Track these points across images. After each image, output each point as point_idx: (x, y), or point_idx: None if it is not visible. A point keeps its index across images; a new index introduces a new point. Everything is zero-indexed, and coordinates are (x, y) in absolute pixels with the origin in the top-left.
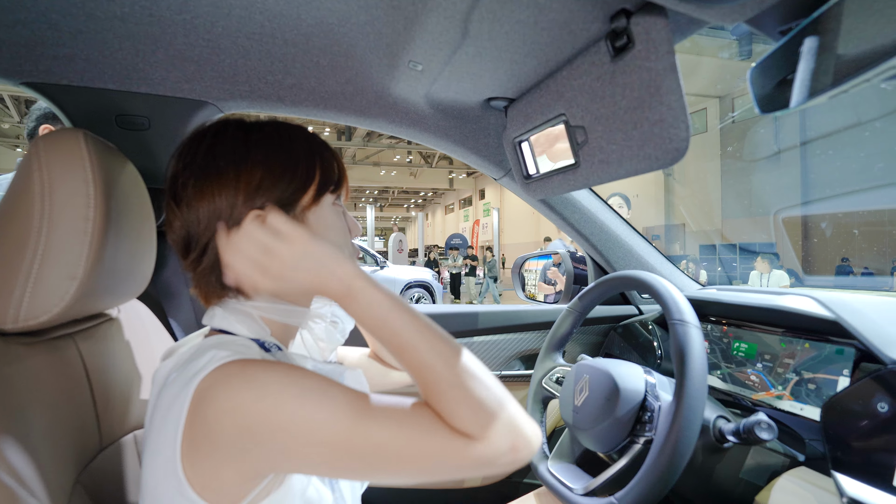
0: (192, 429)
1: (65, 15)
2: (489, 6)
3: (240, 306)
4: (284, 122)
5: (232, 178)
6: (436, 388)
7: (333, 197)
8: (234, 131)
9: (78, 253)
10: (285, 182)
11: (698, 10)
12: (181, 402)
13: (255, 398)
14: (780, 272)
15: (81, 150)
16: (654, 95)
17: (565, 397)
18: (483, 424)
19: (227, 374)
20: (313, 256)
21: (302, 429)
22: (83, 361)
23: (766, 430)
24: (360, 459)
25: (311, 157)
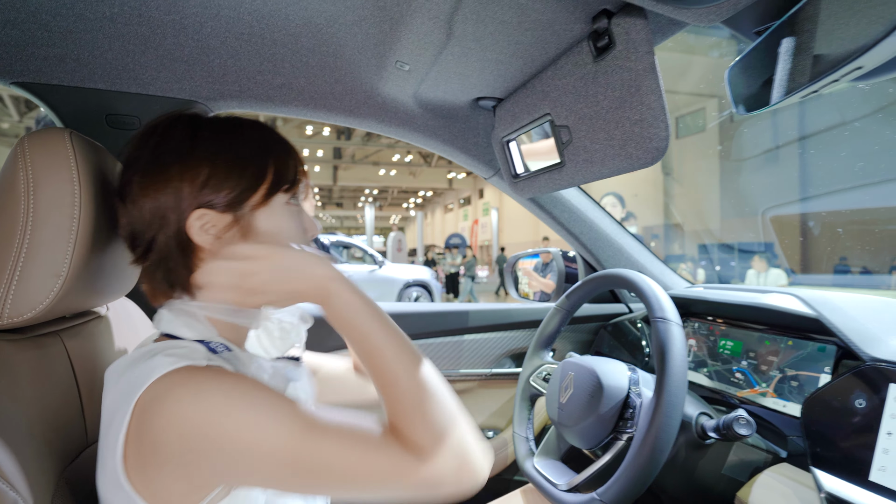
0: (138, 440)
1: (55, 15)
2: (472, 7)
3: (185, 307)
4: (241, 119)
5: (176, 176)
6: (395, 396)
7: (287, 196)
8: (183, 127)
9: (63, 251)
10: (233, 180)
11: (675, 10)
12: (122, 411)
13: (201, 409)
14: (778, 271)
15: (67, 149)
16: (635, 95)
17: (551, 395)
18: (434, 440)
19: (171, 384)
20: (284, 266)
21: (248, 442)
22: (70, 359)
23: (744, 426)
24: (306, 475)
25: (264, 156)
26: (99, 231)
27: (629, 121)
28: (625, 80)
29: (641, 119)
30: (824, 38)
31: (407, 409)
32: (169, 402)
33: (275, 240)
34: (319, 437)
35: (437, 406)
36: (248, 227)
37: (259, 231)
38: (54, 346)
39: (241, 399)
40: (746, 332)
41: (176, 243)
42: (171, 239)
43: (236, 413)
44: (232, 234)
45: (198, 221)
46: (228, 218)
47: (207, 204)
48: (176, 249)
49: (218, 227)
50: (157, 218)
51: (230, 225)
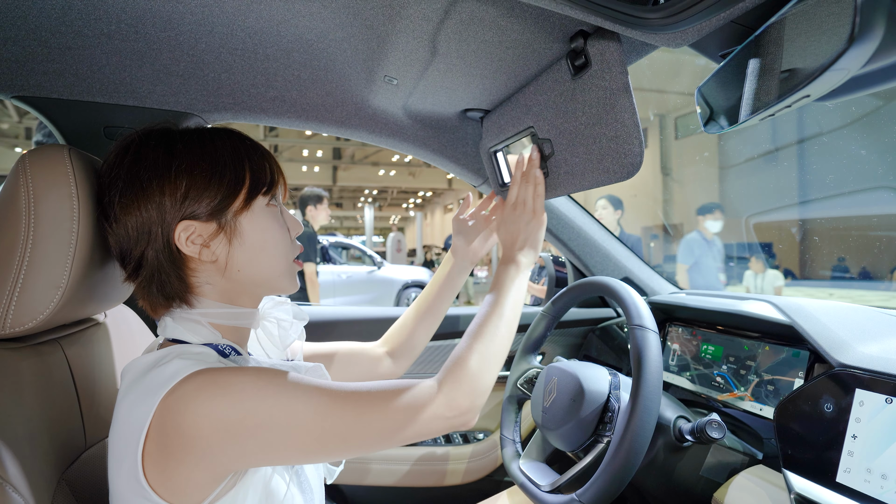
0: (162, 437)
1: (54, 32)
2: (454, 27)
3: (186, 315)
4: (211, 129)
5: (157, 191)
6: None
7: (267, 199)
8: (157, 142)
9: (63, 264)
10: (212, 189)
11: (644, 35)
12: (143, 413)
13: (234, 401)
14: (775, 272)
15: (66, 166)
16: (610, 113)
17: (536, 398)
18: (465, 387)
19: (198, 384)
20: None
21: (281, 422)
22: (69, 365)
23: (716, 430)
24: (336, 438)
25: (239, 162)
26: (97, 243)
27: (605, 137)
28: (600, 98)
29: (616, 136)
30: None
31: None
32: (200, 399)
33: (261, 241)
34: (345, 402)
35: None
36: (233, 233)
37: (245, 234)
38: (54, 353)
39: (268, 384)
40: (727, 338)
41: (166, 256)
42: (161, 253)
43: (267, 397)
44: (218, 241)
45: (184, 233)
46: (213, 226)
47: (191, 215)
48: (167, 262)
49: (204, 236)
50: (144, 234)
51: (216, 232)
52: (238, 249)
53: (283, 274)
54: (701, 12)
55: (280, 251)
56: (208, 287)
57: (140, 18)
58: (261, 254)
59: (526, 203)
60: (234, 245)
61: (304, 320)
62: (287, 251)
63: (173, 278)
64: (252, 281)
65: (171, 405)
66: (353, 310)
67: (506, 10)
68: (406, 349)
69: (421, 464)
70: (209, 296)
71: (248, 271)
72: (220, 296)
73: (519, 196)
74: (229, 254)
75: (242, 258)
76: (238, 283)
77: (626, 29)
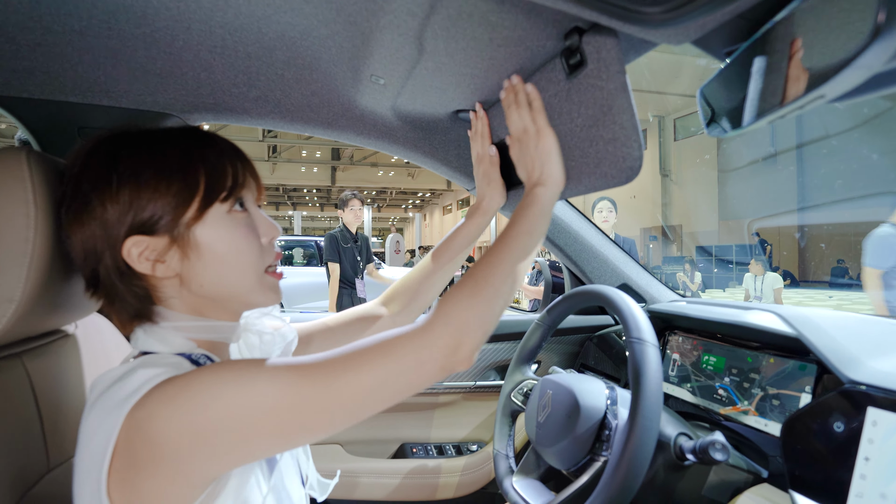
0: (130, 451)
1: (21, 28)
2: (441, 24)
3: (158, 329)
4: (169, 129)
5: (98, 205)
6: (466, 286)
7: (227, 205)
8: (103, 151)
9: (16, 275)
10: (159, 200)
11: (643, 31)
12: (108, 428)
13: (193, 397)
14: (774, 274)
15: (23, 170)
16: (607, 114)
17: (530, 413)
18: (454, 324)
19: (161, 391)
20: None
21: (245, 407)
22: (30, 381)
23: (719, 451)
24: (313, 412)
25: (190, 166)
26: (60, 251)
27: (602, 139)
28: (597, 99)
29: (614, 138)
30: (787, 65)
31: (460, 298)
32: (164, 406)
33: (221, 254)
34: (315, 375)
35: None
36: (187, 246)
37: (202, 247)
38: (13, 368)
39: (226, 372)
40: (729, 348)
41: (117, 275)
42: (112, 271)
43: (226, 386)
44: (172, 255)
45: (135, 249)
46: (165, 239)
47: (139, 230)
48: (119, 282)
49: (157, 250)
50: (91, 253)
51: (168, 246)
52: (196, 263)
53: (253, 287)
54: (704, 6)
55: (245, 262)
56: (175, 301)
57: (113, 14)
58: (221, 266)
59: (526, 129)
60: (191, 259)
61: (288, 335)
62: (254, 261)
63: (129, 297)
64: (219, 295)
65: (136, 417)
66: None
67: (495, 4)
68: (414, 304)
69: (412, 477)
70: (178, 309)
71: (211, 286)
72: (191, 309)
73: (514, 125)
74: (187, 269)
75: (202, 272)
76: (205, 297)
77: (623, 25)
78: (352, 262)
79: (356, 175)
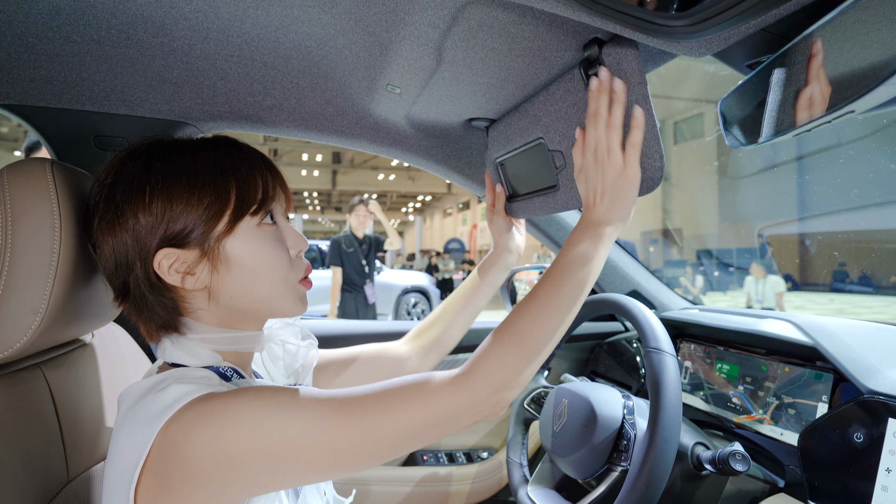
0: (161, 469)
1: (41, 38)
2: (462, 35)
3: (185, 340)
4: (197, 140)
5: (131, 216)
6: (502, 339)
7: (257, 218)
8: (136, 161)
9: (42, 287)
10: (191, 213)
11: (666, 43)
12: (140, 443)
13: (231, 426)
14: (776, 278)
15: (47, 181)
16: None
17: (545, 422)
18: (488, 377)
19: (197, 411)
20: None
21: (285, 444)
22: (51, 391)
23: (740, 462)
24: (348, 452)
25: (222, 178)
26: (82, 261)
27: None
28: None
29: None
30: (815, 80)
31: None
32: (199, 427)
33: (251, 267)
34: (351, 415)
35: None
36: (217, 259)
37: (231, 260)
38: (34, 379)
39: (266, 404)
40: (742, 357)
41: (147, 287)
42: (143, 283)
43: (265, 418)
44: (202, 268)
45: (165, 261)
46: (196, 252)
47: (170, 242)
48: (149, 293)
49: (188, 263)
50: (122, 264)
51: (198, 259)
52: (226, 276)
53: (282, 297)
54: (730, 20)
55: (275, 275)
56: (202, 312)
57: (131, 24)
58: (252, 280)
59: (610, 150)
60: (221, 272)
61: (312, 345)
62: (284, 274)
63: (158, 309)
64: (248, 307)
65: (170, 435)
66: (367, 324)
67: (517, 16)
68: (435, 346)
69: (423, 485)
70: (205, 321)
71: (240, 298)
72: (218, 321)
73: (588, 141)
74: (217, 281)
75: (232, 285)
76: (233, 309)
77: (646, 37)
78: (356, 267)
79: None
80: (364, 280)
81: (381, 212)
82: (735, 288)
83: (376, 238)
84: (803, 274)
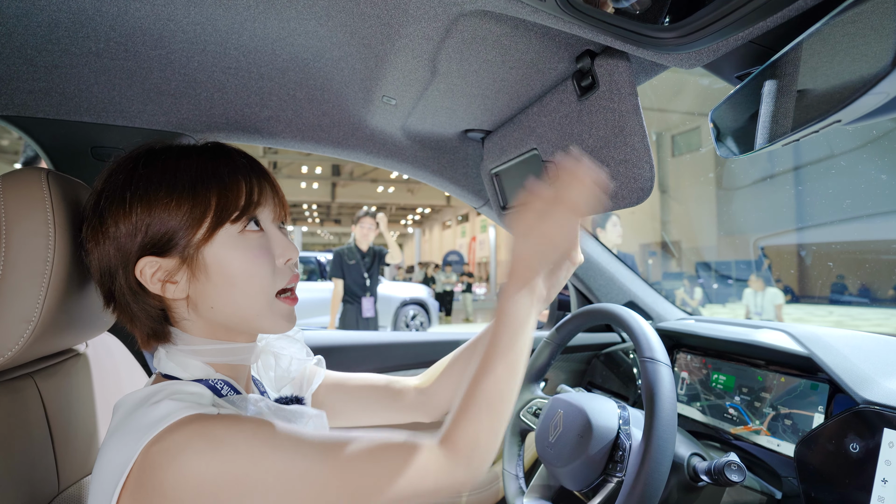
0: (140, 491)
1: (40, 50)
2: (455, 46)
3: (177, 351)
4: (181, 147)
5: (112, 225)
6: (471, 398)
7: (240, 225)
8: (123, 170)
9: (34, 296)
10: (170, 221)
11: (656, 55)
12: (123, 457)
13: (223, 461)
14: (774, 290)
15: (42, 190)
16: (619, 136)
17: (541, 432)
18: (470, 445)
19: (186, 435)
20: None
21: (274, 488)
22: (43, 401)
23: (735, 472)
24: (327, 501)
25: (203, 185)
26: (77, 270)
27: (614, 160)
28: (609, 121)
29: (626, 159)
30: (803, 90)
31: (467, 414)
32: (186, 455)
33: (229, 276)
34: (347, 466)
35: (489, 417)
36: (196, 267)
37: (210, 269)
38: (26, 388)
39: (261, 443)
40: (739, 367)
41: (130, 295)
42: (125, 291)
43: (258, 458)
44: (181, 275)
45: (148, 269)
46: (175, 261)
47: (151, 250)
48: (133, 302)
49: (168, 271)
50: (106, 273)
51: (178, 267)
52: (205, 285)
53: (263, 312)
54: (717, 32)
55: (255, 286)
56: (188, 323)
57: (130, 36)
58: (231, 289)
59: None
60: (200, 280)
61: (307, 358)
62: (266, 285)
63: (143, 317)
64: (229, 320)
65: (153, 456)
66: (368, 335)
67: (510, 28)
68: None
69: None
70: (193, 331)
71: (221, 309)
72: (204, 332)
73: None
74: (197, 290)
75: (212, 294)
76: (215, 321)
77: (636, 49)
78: (357, 279)
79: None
80: (365, 293)
81: (386, 225)
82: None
83: (380, 251)
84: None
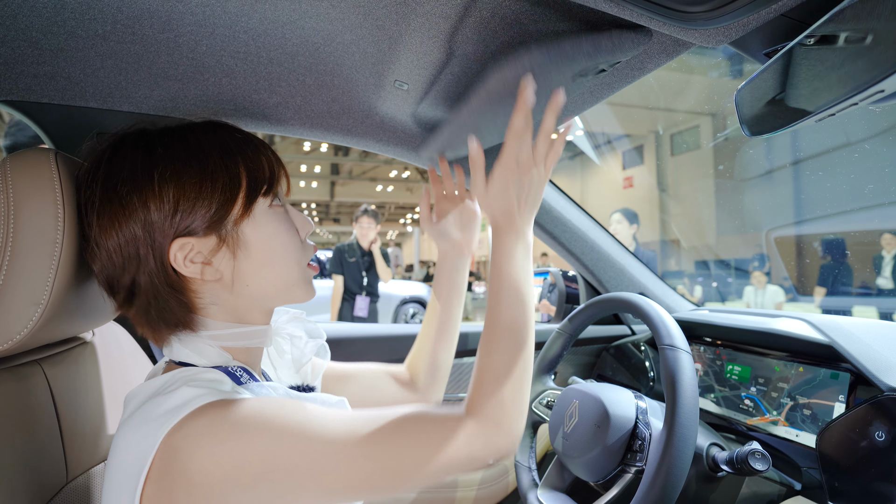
0: (166, 481)
1: (46, 33)
2: (474, 27)
3: (195, 338)
4: (192, 124)
5: (139, 206)
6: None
7: (269, 199)
8: (133, 149)
9: (44, 278)
10: (206, 198)
11: (682, 31)
12: (144, 447)
13: (248, 442)
14: (775, 287)
15: (51, 170)
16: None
17: (555, 423)
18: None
19: (208, 421)
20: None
21: (302, 466)
22: (50, 389)
23: (760, 461)
24: (363, 481)
25: (231, 160)
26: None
27: None
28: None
29: None
30: (841, 62)
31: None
32: (210, 440)
33: (270, 250)
34: (372, 441)
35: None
36: (237, 244)
37: (250, 244)
38: (34, 375)
39: (285, 421)
40: (754, 357)
41: (163, 281)
42: (156, 277)
43: (284, 437)
44: (221, 256)
45: (181, 252)
46: (213, 240)
47: (186, 231)
48: (164, 287)
49: (204, 252)
50: (131, 258)
51: (217, 247)
52: (244, 262)
53: (297, 282)
54: (749, 4)
55: (291, 257)
56: (214, 308)
57: (137, 19)
58: (270, 263)
59: (525, 161)
60: (240, 258)
61: (319, 339)
62: (298, 256)
63: (173, 304)
64: (264, 294)
65: (177, 444)
66: (370, 327)
67: (529, 5)
68: (431, 374)
69: (428, 492)
70: (216, 316)
71: (258, 285)
72: (229, 315)
73: (516, 154)
74: (235, 269)
75: (250, 271)
76: (247, 298)
77: (663, 23)
78: (355, 276)
79: (355, 190)
80: (361, 291)
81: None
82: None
83: (382, 252)
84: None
